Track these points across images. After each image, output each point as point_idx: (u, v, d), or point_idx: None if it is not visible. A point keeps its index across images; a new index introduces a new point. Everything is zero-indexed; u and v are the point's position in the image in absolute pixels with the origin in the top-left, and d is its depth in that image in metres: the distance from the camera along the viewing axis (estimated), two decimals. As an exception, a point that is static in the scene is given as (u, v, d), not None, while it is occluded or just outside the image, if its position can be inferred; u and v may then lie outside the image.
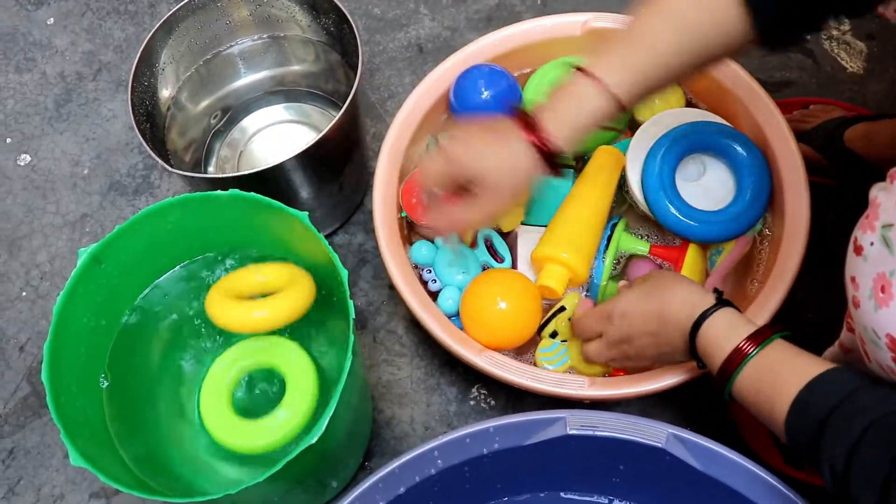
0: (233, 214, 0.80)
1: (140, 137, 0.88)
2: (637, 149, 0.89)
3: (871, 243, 0.57)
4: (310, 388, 0.79)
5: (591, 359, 0.81)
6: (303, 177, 0.92)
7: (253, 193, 0.77)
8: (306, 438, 0.67)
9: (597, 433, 0.70)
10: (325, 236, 0.83)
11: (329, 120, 0.95)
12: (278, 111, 1.10)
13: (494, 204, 0.70)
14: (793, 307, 0.83)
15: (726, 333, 0.67)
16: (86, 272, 0.75)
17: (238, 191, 0.77)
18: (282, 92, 1.10)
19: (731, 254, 0.88)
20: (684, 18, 0.66)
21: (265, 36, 1.05)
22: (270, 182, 0.89)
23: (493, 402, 0.97)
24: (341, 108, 0.88)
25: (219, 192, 0.77)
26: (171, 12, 0.95)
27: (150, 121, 0.96)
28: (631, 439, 0.69)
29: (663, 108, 0.93)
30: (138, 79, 0.93)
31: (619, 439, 0.69)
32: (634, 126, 0.93)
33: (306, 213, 0.75)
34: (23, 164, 1.16)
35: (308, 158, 0.88)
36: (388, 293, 1.04)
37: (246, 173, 0.86)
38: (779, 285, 0.82)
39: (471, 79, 0.92)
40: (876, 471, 0.53)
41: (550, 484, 0.77)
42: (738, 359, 0.66)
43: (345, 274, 0.72)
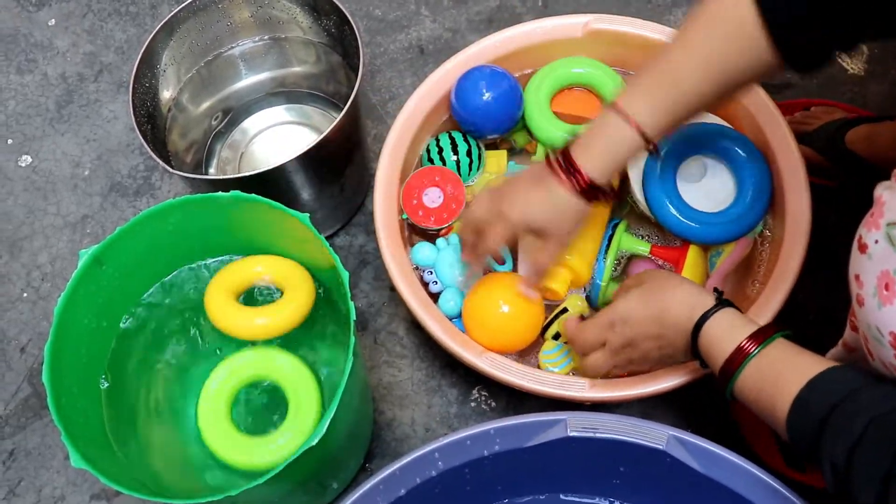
0: (234, 216, 0.80)
1: (141, 139, 0.88)
2: (638, 150, 0.89)
3: (876, 241, 0.57)
4: (312, 406, 0.78)
5: (596, 370, 0.77)
6: (304, 178, 0.92)
7: (254, 195, 0.77)
8: (307, 440, 0.67)
9: (597, 435, 0.70)
10: (326, 238, 0.83)
11: (330, 121, 0.95)
12: (279, 113, 1.10)
13: (560, 245, 0.78)
14: (794, 308, 0.83)
15: (728, 333, 0.67)
16: (87, 273, 0.75)
17: (239, 192, 0.77)
18: (283, 93, 1.10)
19: (731, 255, 0.88)
20: (710, 51, 0.66)
21: (266, 37, 1.05)
22: (271, 183, 0.89)
23: (493, 404, 0.97)
24: (342, 109, 0.88)
25: (220, 193, 0.77)
26: (172, 14, 0.95)
27: (151, 122, 0.96)
28: (632, 441, 0.69)
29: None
30: (139, 80, 0.93)
31: (620, 441, 0.69)
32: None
33: (307, 215, 0.75)
34: (24, 165, 1.16)
35: (309, 160, 0.88)
36: (388, 295, 1.04)
37: (247, 175, 0.86)
38: (780, 287, 0.82)
39: (472, 80, 0.92)
40: (877, 467, 0.53)
41: (551, 486, 0.77)
42: (739, 358, 0.66)
43: (346, 275, 0.72)
